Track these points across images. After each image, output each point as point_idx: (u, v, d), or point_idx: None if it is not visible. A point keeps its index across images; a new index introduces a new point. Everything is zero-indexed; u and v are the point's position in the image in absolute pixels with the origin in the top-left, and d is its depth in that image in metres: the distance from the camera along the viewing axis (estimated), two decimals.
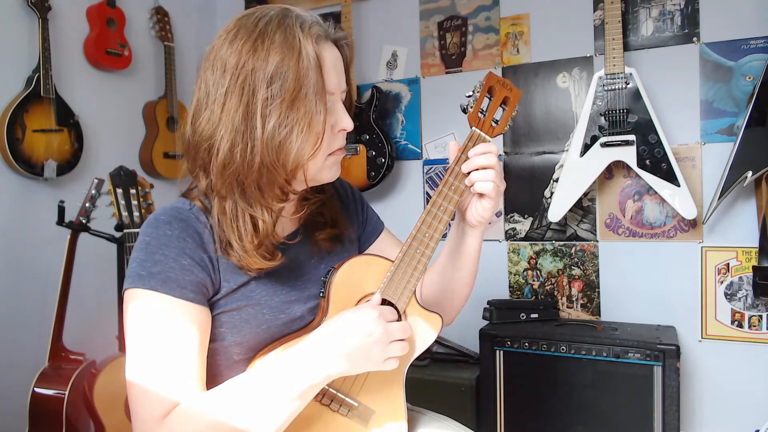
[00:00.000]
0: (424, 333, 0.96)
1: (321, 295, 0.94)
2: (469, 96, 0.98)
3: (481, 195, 0.97)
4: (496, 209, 1.00)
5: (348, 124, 0.91)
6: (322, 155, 0.89)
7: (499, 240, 2.48)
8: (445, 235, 0.96)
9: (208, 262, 0.87)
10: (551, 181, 2.41)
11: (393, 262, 0.94)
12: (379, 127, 2.56)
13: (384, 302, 0.92)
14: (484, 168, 0.95)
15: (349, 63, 0.95)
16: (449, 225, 0.96)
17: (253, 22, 0.85)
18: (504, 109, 1.00)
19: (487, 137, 0.98)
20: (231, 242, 0.87)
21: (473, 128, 0.98)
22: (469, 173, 0.96)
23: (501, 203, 2.48)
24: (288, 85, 0.82)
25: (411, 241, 0.94)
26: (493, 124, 0.99)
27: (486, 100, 0.99)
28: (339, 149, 0.93)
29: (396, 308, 0.93)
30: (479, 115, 0.98)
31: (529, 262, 2.46)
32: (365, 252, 1.13)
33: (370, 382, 0.94)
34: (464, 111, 0.98)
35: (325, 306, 0.91)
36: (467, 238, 1.04)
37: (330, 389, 0.91)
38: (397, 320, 0.90)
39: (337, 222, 1.04)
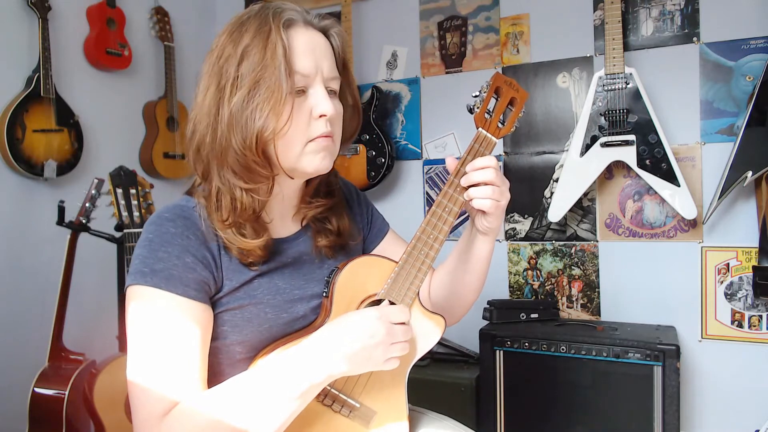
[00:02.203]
0: (426, 335, 0.96)
1: (324, 294, 0.94)
2: (476, 96, 0.97)
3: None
4: (500, 221, 0.99)
5: (325, 108, 0.87)
6: (298, 140, 0.88)
7: (499, 240, 2.48)
8: (451, 232, 0.95)
9: (210, 260, 0.87)
10: (551, 181, 2.41)
11: (397, 263, 0.94)
12: (379, 127, 2.56)
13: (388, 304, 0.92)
14: (484, 184, 0.94)
15: (341, 53, 0.95)
16: (453, 226, 0.96)
17: (239, 16, 0.90)
18: (510, 110, 0.99)
19: (494, 138, 0.98)
20: (215, 227, 0.88)
21: (479, 129, 0.97)
22: (467, 188, 0.95)
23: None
24: (253, 66, 0.84)
25: (415, 243, 0.94)
26: (500, 125, 0.98)
27: (493, 101, 0.98)
28: (321, 136, 0.89)
29: None
30: (486, 115, 0.97)
31: (529, 262, 2.46)
32: (369, 253, 1.13)
33: (372, 383, 0.94)
34: (471, 111, 0.97)
35: (329, 306, 0.91)
36: (477, 243, 1.03)
37: (332, 390, 0.91)
38: (404, 321, 0.90)
39: (342, 232, 1.03)
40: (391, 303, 0.92)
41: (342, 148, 0.99)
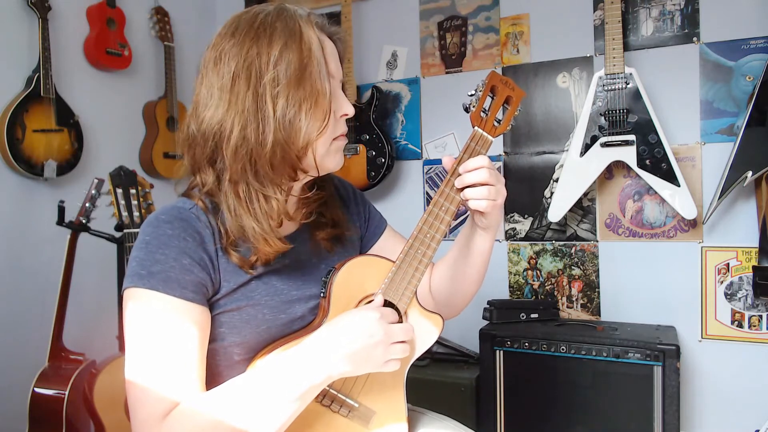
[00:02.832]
0: (424, 334, 0.96)
1: (322, 295, 0.94)
2: (472, 95, 0.97)
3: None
4: (499, 217, 0.99)
5: (349, 109, 0.93)
6: (328, 137, 0.91)
7: (499, 240, 2.48)
8: (451, 232, 0.95)
9: (208, 262, 0.87)
10: (551, 181, 2.41)
11: (394, 262, 0.94)
12: (379, 127, 2.56)
13: (385, 303, 0.92)
14: (479, 184, 0.94)
15: (342, 58, 0.97)
16: (450, 225, 0.96)
17: (252, 16, 0.89)
18: (506, 109, 0.99)
19: (489, 137, 0.98)
20: (245, 228, 0.87)
21: (475, 128, 0.97)
22: (463, 189, 0.95)
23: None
24: (293, 65, 0.85)
25: (412, 242, 0.94)
26: (496, 123, 0.98)
27: (488, 100, 0.98)
28: (342, 135, 0.94)
29: (397, 309, 0.93)
30: (481, 114, 0.97)
31: (529, 262, 2.46)
32: (367, 252, 1.13)
33: (370, 383, 0.94)
34: (466, 110, 0.97)
35: (326, 306, 0.91)
36: (477, 238, 1.03)
37: (331, 390, 0.91)
38: (398, 321, 0.90)
39: (337, 222, 1.04)
40: (389, 302, 0.92)
41: None
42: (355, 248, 1.11)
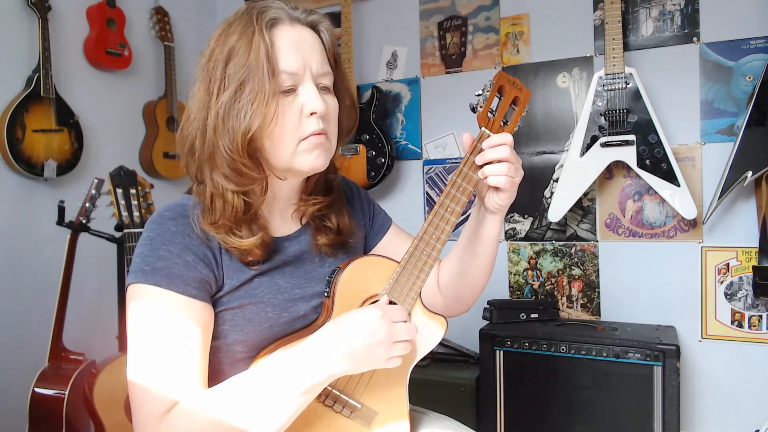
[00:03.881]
0: (428, 335, 0.96)
1: (326, 294, 0.94)
2: (479, 95, 0.96)
3: (495, 187, 0.96)
4: (512, 199, 0.98)
5: (315, 106, 0.87)
6: (290, 139, 0.87)
7: (499, 240, 2.47)
8: (454, 231, 0.95)
9: (211, 259, 0.87)
10: (551, 181, 2.41)
11: (399, 263, 0.93)
12: (379, 127, 2.56)
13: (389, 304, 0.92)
14: (498, 161, 0.94)
15: (331, 48, 0.94)
16: (454, 226, 0.96)
17: (228, 18, 0.90)
18: (514, 109, 0.98)
19: None
20: (206, 227, 0.88)
21: (482, 128, 0.96)
22: (482, 165, 0.95)
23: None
24: (239, 67, 0.84)
25: (417, 243, 0.93)
26: (502, 124, 0.98)
27: (496, 100, 0.97)
28: (314, 134, 0.88)
29: None
30: (488, 114, 0.96)
31: (529, 262, 2.46)
32: (371, 252, 1.13)
33: (373, 384, 0.94)
34: (473, 110, 0.96)
35: (330, 306, 0.91)
36: (486, 224, 1.02)
37: (333, 390, 0.91)
38: (405, 320, 0.90)
39: (342, 230, 1.02)
40: (392, 303, 0.92)
41: (340, 144, 0.98)
42: (359, 252, 1.10)
